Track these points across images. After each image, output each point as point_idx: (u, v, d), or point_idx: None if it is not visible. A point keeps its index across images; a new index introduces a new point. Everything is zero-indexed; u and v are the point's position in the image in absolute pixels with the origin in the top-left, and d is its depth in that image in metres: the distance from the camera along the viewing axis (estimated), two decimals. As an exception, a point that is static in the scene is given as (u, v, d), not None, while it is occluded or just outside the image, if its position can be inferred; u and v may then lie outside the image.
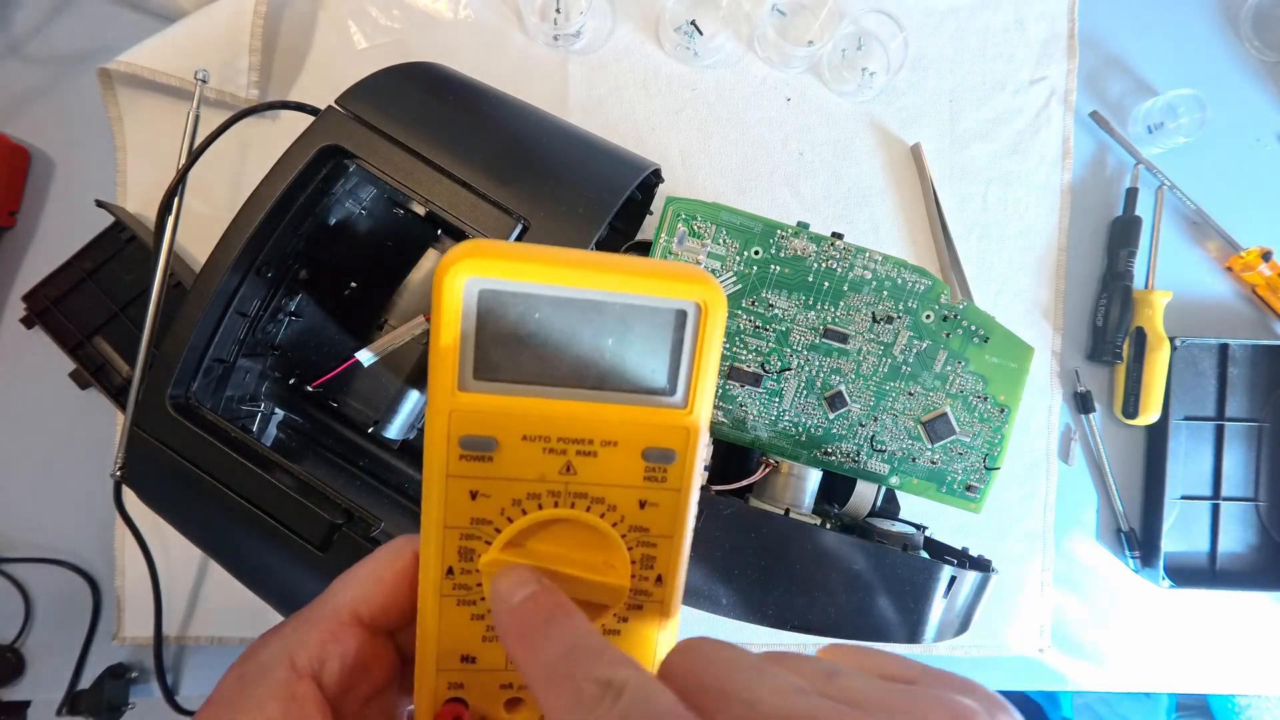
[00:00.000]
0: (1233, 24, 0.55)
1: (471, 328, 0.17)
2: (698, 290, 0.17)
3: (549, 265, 0.17)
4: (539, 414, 0.18)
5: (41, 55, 0.48)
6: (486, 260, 0.16)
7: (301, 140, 0.33)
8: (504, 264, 0.16)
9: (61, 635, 0.47)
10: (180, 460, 0.32)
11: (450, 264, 0.16)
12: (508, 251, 0.17)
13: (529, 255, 0.17)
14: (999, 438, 0.37)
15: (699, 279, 0.17)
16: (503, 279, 0.17)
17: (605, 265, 0.17)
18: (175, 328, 0.33)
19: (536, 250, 0.17)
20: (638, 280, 0.17)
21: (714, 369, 0.18)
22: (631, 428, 0.18)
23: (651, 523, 0.19)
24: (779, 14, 0.51)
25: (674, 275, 0.17)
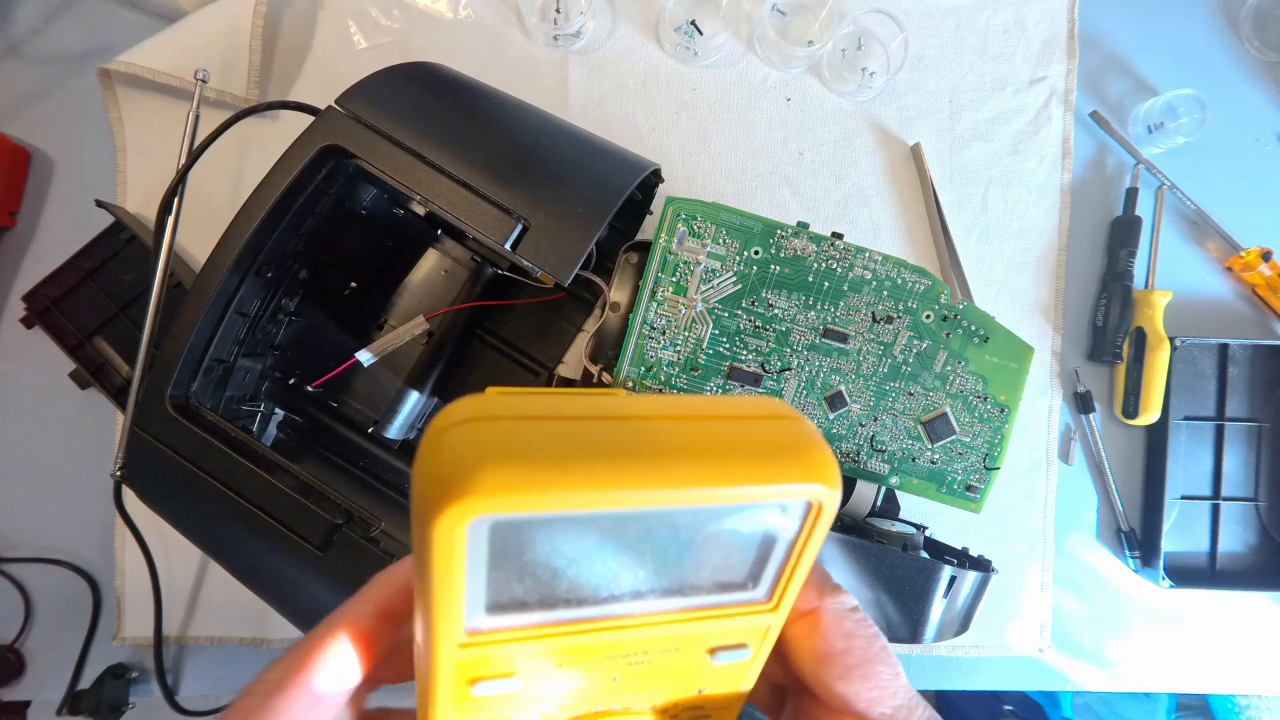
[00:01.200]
0: (1233, 24, 0.55)
1: (481, 567, 0.12)
2: (813, 482, 0.12)
3: (598, 485, 0.11)
4: (577, 644, 0.13)
5: (41, 55, 0.48)
6: (503, 495, 0.11)
7: (301, 140, 0.33)
8: (530, 495, 0.11)
9: (61, 635, 0.47)
10: (180, 460, 0.32)
11: (446, 499, 0.11)
12: (533, 472, 0.11)
13: (566, 471, 0.11)
14: (999, 438, 0.37)
15: (815, 463, 0.12)
16: (527, 513, 0.11)
17: (682, 461, 0.12)
18: (175, 328, 0.33)
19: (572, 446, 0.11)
20: (731, 480, 0.12)
21: (814, 557, 0.14)
22: (697, 636, 0.15)
23: (708, 702, 0.17)
24: (779, 14, 0.51)
25: (782, 458, 0.12)
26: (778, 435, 0.13)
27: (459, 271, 0.44)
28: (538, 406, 0.12)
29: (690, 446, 0.12)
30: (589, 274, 0.40)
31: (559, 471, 0.11)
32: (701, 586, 0.14)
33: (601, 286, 0.39)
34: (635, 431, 0.12)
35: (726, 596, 0.14)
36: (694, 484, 0.11)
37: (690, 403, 0.13)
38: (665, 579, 0.14)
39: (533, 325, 0.45)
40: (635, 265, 0.38)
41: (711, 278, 0.36)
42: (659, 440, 0.12)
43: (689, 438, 0.12)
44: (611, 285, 0.39)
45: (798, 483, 0.12)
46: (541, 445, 0.11)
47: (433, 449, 0.11)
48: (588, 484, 0.11)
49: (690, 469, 0.11)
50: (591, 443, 0.11)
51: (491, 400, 0.12)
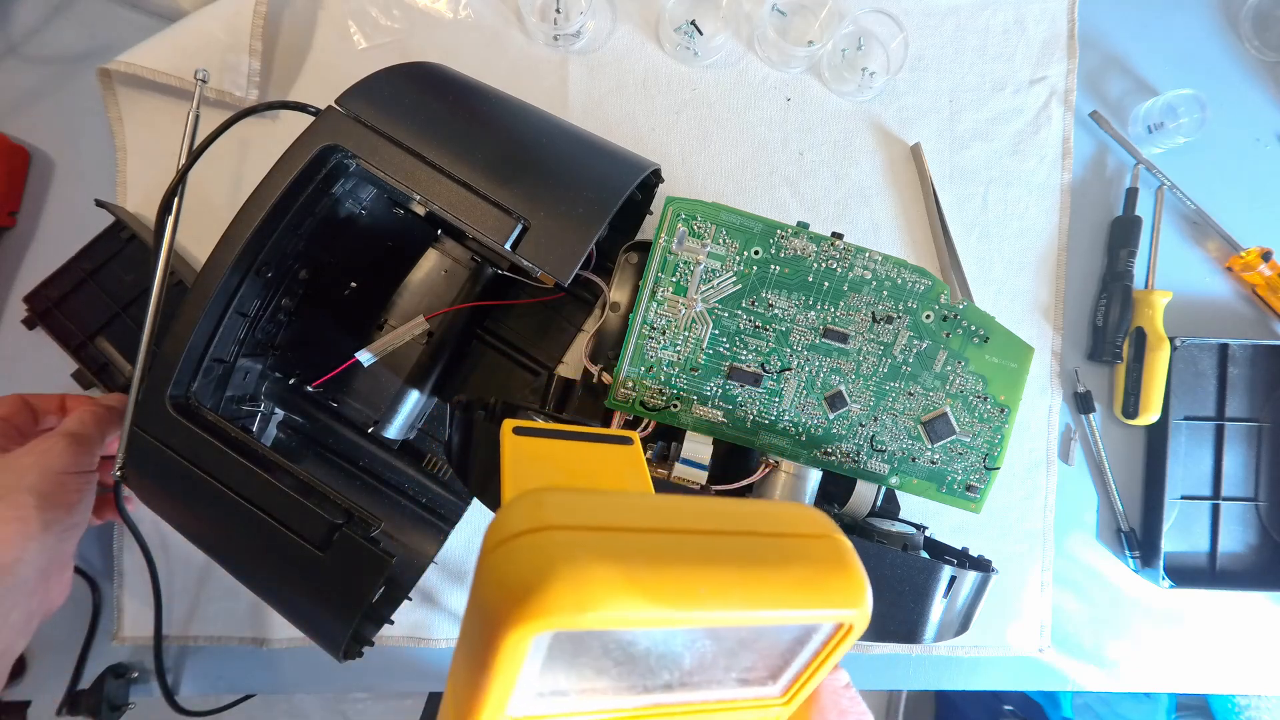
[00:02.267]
0: (1233, 24, 0.55)
1: (535, 666, 0.13)
2: (850, 607, 0.13)
3: (659, 605, 0.12)
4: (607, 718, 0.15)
5: (41, 55, 0.48)
6: (573, 614, 0.11)
7: (301, 140, 0.33)
8: (598, 614, 0.12)
9: (61, 635, 0.47)
10: (180, 460, 0.32)
11: (520, 614, 0.11)
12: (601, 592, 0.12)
13: (630, 591, 0.12)
14: (999, 438, 0.37)
15: (852, 588, 0.13)
16: (593, 629, 0.12)
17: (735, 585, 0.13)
18: (175, 328, 0.33)
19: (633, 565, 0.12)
20: (779, 604, 0.13)
21: (822, 679, 0.15)
22: (712, 716, 0.16)
23: None
24: (779, 14, 0.51)
25: (824, 584, 0.13)
26: (818, 556, 0.14)
27: (459, 271, 0.44)
28: (593, 511, 0.13)
29: (740, 569, 0.13)
30: (589, 274, 0.40)
31: (624, 592, 0.12)
32: (726, 681, 0.15)
33: (601, 286, 0.39)
34: (690, 549, 0.13)
35: (746, 691, 0.15)
36: (745, 607, 0.13)
37: (733, 512, 0.14)
38: (696, 675, 0.15)
39: (532, 325, 0.45)
40: (635, 265, 0.38)
41: (711, 278, 0.36)
42: (712, 560, 0.13)
43: (738, 558, 0.13)
44: (611, 285, 0.39)
45: (837, 608, 0.13)
46: (605, 564, 0.12)
47: (501, 558, 0.12)
48: (649, 604, 0.12)
49: (742, 593, 0.13)
50: (652, 561, 0.12)
51: (549, 505, 0.13)
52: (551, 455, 0.22)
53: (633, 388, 0.37)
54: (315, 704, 1.15)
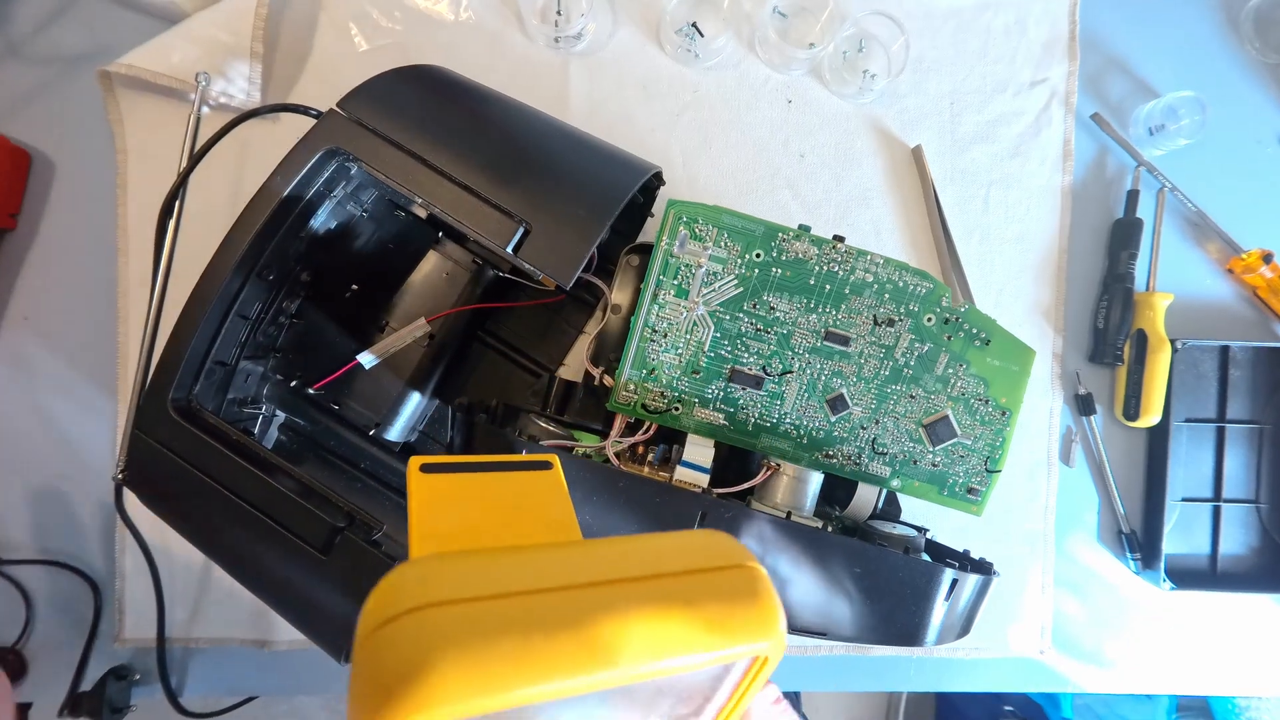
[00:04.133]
0: (1233, 26, 0.55)
1: None
2: (760, 640, 0.13)
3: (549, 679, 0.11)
4: None
5: (41, 56, 0.48)
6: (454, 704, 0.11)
7: (303, 143, 0.33)
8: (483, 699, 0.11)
9: (63, 637, 0.47)
10: (181, 463, 0.32)
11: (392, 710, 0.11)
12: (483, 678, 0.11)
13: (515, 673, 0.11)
14: (1000, 440, 0.37)
15: (762, 621, 0.13)
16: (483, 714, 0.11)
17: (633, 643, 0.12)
18: (177, 330, 0.33)
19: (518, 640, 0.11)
20: (683, 651, 0.12)
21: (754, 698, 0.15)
22: None
23: None
24: (780, 16, 0.51)
25: (731, 622, 0.13)
26: (728, 589, 0.13)
27: (460, 274, 0.44)
28: (482, 578, 0.12)
29: (644, 621, 0.12)
30: (590, 276, 0.40)
31: (516, 669, 0.11)
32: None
33: (603, 289, 0.39)
34: (590, 605, 0.12)
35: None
36: (650, 660, 0.12)
37: (637, 555, 0.13)
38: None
39: (534, 327, 0.45)
40: (636, 268, 0.38)
41: (713, 280, 0.36)
42: (614, 615, 0.12)
43: (641, 608, 0.12)
44: (613, 288, 0.39)
45: (748, 643, 0.13)
46: (491, 642, 0.11)
47: (377, 645, 0.11)
48: (546, 677, 0.11)
49: (647, 647, 0.12)
50: (548, 628, 0.11)
51: (431, 579, 0.12)
52: (464, 491, 0.20)
53: (634, 390, 0.37)
54: (317, 706, 1.15)
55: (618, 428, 0.38)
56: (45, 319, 0.48)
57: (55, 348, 0.47)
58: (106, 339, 0.47)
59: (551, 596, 0.12)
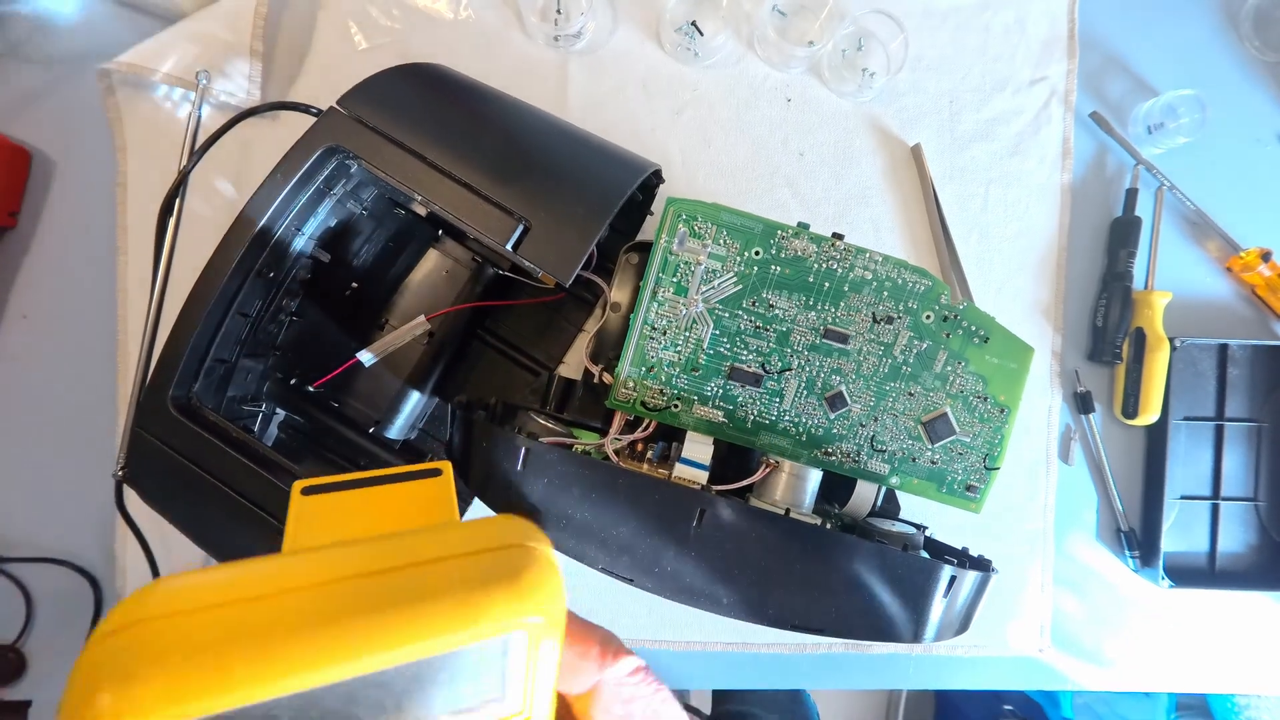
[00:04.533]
0: (1233, 24, 0.55)
1: None
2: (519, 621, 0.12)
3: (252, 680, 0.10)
4: None
5: (41, 55, 0.48)
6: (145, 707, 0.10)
7: (303, 141, 0.33)
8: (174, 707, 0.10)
9: (63, 635, 0.47)
10: (182, 460, 0.32)
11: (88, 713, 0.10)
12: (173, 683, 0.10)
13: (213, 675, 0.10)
14: (999, 438, 0.37)
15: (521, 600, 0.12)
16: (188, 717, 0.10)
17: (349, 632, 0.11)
18: (177, 328, 0.33)
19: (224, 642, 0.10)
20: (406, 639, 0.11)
21: (553, 672, 0.14)
22: None
23: None
24: (779, 14, 0.51)
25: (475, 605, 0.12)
26: (487, 570, 0.12)
27: (460, 272, 0.44)
28: (213, 589, 0.11)
29: (367, 610, 0.11)
30: (590, 274, 0.40)
31: (204, 678, 0.10)
32: (440, 712, 0.13)
33: (602, 287, 0.39)
34: (307, 603, 0.11)
35: (477, 715, 0.14)
36: (378, 650, 0.11)
37: (395, 548, 0.13)
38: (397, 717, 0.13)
39: (533, 325, 0.45)
40: (636, 266, 0.38)
41: (712, 278, 0.36)
42: (330, 610, 0.11)
43: (368, 598, 0.11)
44: (612, 286, 0.39)
45: (493, 621, 0.12)
46: (189, 649, 0.10)
47: (77, 666, 0.10)
48: (237, 683, 0.10)
49: (374, 637, 0.11)
50: (253, 630, 0.11)
51: (157, 594, 0.11)
52: (343, 509, 0.19)
53: (633, 388, 0.37)
54: (315, 703, 1.15)
55: (617, 425, 0.38)
56: (45, 317, 0.48)
57: (55, 346, 0.47)
58: (106, 337, 0.47)
59: (302, 594, 0.11)
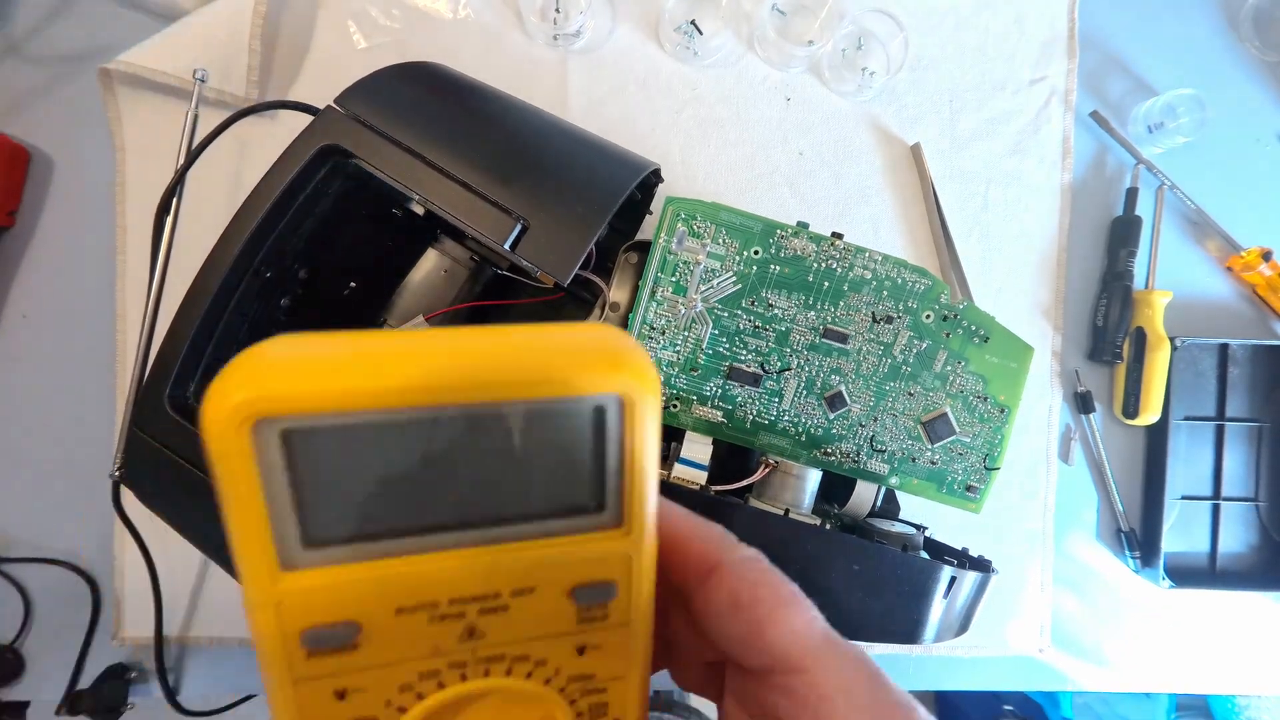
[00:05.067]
0: (1233, 24, 0.55)
1: (282, 485, 0.12)
2: (616, 379, 0.12)
3: (373, 380, 0.11)
4: (412, 577, 0.13)
5: (41, 55, 0.48)
6: (276, 391, 0.11)
7: (300, 140, 0.33)
8: (311, 391, 0.11)
9: (61, 635, 0.47)
10: (179, 461, 0.32)
11: (226, 401, 0.10)
12: (312, 368, 0.11)
13: (345, 367, 0.11)
14: (999, 438, 0.37)
15: (617, 363, 0.12)
16: (313, 413, 0.11)
17: (471, 362, 0.11)
18: (174, 327, 0.33)
19: (356, 354, 0.11)
20: (519, 378, 0.12)
21: (652, 473, 0.14)
22: (550, 568, 0.14)
23: (597, 667, 0.15)
24: (779, 14, 0.51)
25: (578, 361, 0.12)
26: (588, 344, 0.12)
27: (459, 271, 0.44)
28: (342, 336, 0.12)
29: (483, 347, 0.12)
30: (588, 274, 0.40)
31: (342, 367, 0.11)
32: (539, 512, 0.13)
33: (601, 286, 0.39)
34: (432, 335, 0.12)
35: (573, 523, 0.14)
36: (481, 375, 0.11)
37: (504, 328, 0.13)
38: (497, 506, 0.13)
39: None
40: (635, 265, 0.38)
41: (711, 278, 0.36)
42: (455, 343, 0.12)
43: (485, 341, 0.12)
44: (611, 285, 0.39)
45: (596, 375, 0.12)
46: (327, 350, 0.11)
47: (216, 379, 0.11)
48: (368, 377, 0.11)
49: (479, 361, 0.11)
50: (380, 344, 0.12)
51: (264, 345, 0.12)
52: None
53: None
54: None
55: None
56: (44, 317, 0.48)
57: (54, 345, 0.47)
58: (105, 336, 0.47)
59: (403, 334, 0.12)
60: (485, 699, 0.14)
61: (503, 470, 0.13)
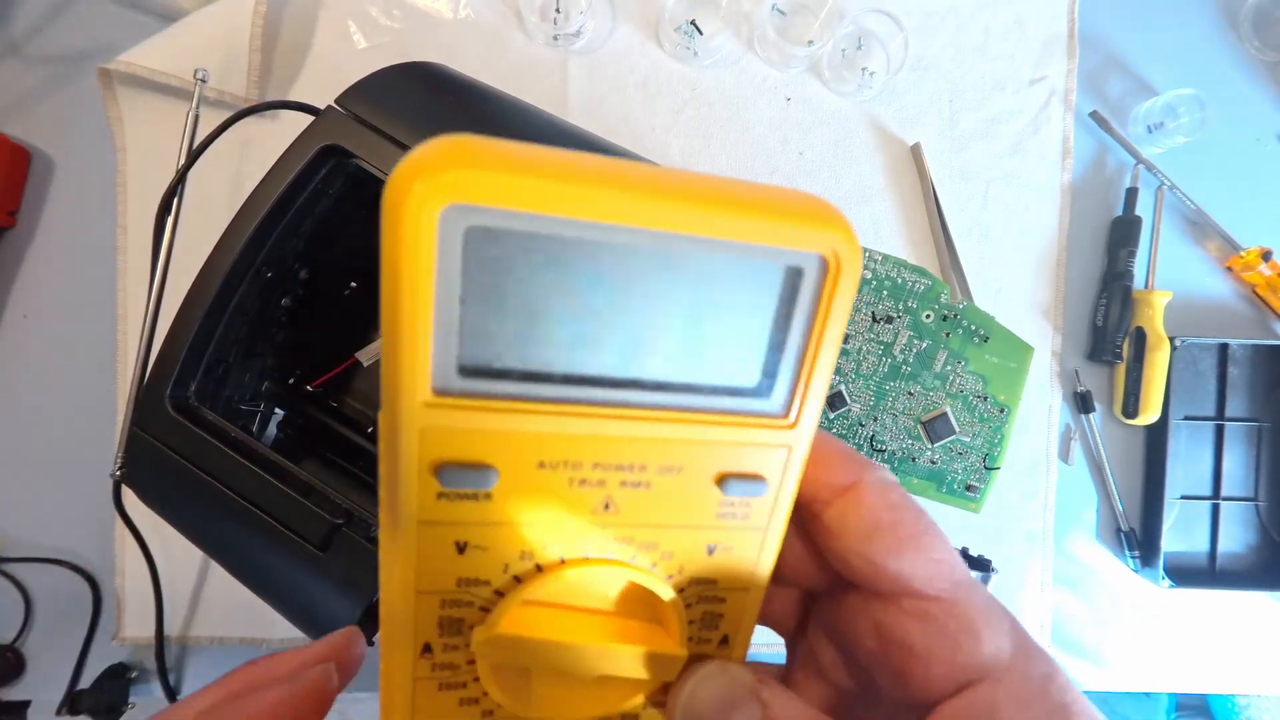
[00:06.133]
0: (1233, 24, 0.55)
1: (454, 292, 0.10)
2: (823, 235, 0.11)
3: (585, 184, 0.10)
4: (563, 433, 0.12)
5: (41, 55, 0.48)
6: (479, 174, 0.10)
7: (301, 140, 0.33)
8: (512, 180, 0.10)
9: (61, 635, 0.47)
10: (180, 460, 0.32)
11: (414, 180, 0.09)
12: (512, 158, 0.10)
13: (549, 165, 0.10)
14: (999, 437, 0.37)
15: (825, 217, 0.11)
16: (508, 207, 0.10)
17: (674, 188, 0.11)
18: (175, 327, 0.33)
19: (557, 156, 0.10)
20: (728, 213, 0.11)
21: (834, 358, 0.12)
22: (703, 447, 0.13)
23: (721, 573, 0.14)
24: (779, 14, 0.51)
25: (786, 210, 0.11)
26: (794, 198, 0.11)
27: (459, 271, 0.44)
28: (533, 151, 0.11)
29: (696, 185, 0.11)
30: (589, 274, 0.40)
31: (546, 174, 0.10)
32: (704, 386, 0.12)
33: (601, 286, 0.39)
34: (636, 163, 0.11)
35: (736, 402, 0.12)
36: (692, 208, 0.10)
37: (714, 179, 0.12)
38: (661, 364, 0.12)
39: (533, 325, 0.45)
40: (635, 265, 0.38)
41: (711, 278, 0.36)
42: (664, 173, 0.11)
43: (697, 181, 0.11)
44: (611, 285, 0.39)
45: (805, 226, 0.11)
46: (524, 154, 0.10)
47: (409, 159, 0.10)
48: (569, 179, 0.10)
49: (690, 200, 0.10)
50: (581, 158, 0.10)
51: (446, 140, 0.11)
52: None
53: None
54: (315, 704, 1.15)
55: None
56: (44, 317, 0.48)
57: (54, 345, 0.47)
58: (106, 336, 0.47)
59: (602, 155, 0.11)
60: (596, 588, 0.13)
61: (677, 326, 0.12)
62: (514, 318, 0.11)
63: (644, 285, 0.11)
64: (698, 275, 0.11)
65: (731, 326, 0.12)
